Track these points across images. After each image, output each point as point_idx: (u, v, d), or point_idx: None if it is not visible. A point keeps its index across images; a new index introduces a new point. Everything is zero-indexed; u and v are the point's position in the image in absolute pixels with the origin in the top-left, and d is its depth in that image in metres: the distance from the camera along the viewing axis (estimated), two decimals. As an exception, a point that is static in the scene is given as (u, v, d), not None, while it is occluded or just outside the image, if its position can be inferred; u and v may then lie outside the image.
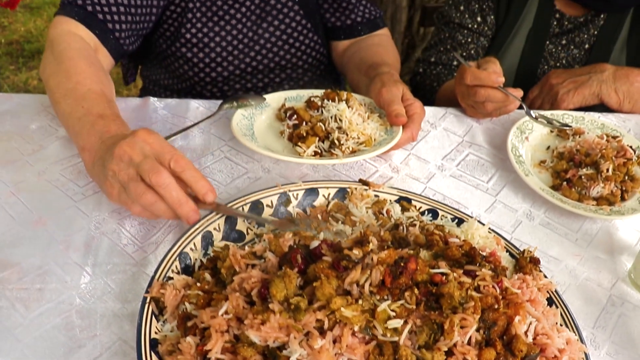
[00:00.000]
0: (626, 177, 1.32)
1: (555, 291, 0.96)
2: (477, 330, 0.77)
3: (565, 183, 1.30)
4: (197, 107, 1.46)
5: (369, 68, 1.52)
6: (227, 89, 1.71)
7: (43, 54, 1.36)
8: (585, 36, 1.78)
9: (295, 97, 1.43)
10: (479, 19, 1.84)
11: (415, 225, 1.00)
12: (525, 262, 0.97)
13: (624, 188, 1.29)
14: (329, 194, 1.13)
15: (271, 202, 1.09)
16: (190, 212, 0.96)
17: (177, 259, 0.94)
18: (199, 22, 1.60)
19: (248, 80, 1.71)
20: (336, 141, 1.24)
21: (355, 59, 1.68)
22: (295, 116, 1.32)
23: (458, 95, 1.49)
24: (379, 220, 1.06)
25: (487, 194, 1.29)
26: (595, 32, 1.77)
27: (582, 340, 0.90)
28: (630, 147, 1.38)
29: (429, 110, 1.52)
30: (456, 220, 1.10)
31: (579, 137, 1.41)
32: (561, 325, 0.91)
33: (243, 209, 1.05)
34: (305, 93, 1.43)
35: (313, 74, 1.81)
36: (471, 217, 1.08)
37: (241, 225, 1.04)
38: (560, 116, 1.50)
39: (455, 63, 1.87)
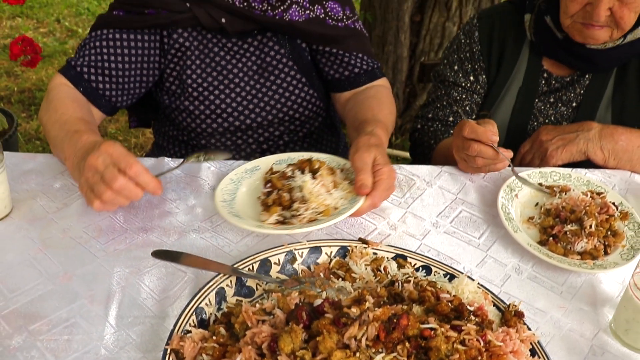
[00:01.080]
0: (609, 233, 1.41)
1: (538, 342, 1.05)
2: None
3: (551, 238, 1.40)
4: (209, 167, 1.57)
5: (359, 125, 1.60)
6: (231, 143, 1.82)
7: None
8: (572, 95, 1.89)
9: (287, 159, 1.53)
10: (471, 78, 1.96)
11: (410, 281, 1.10)
12: (510, 316, 1.07)
13: (606, 243, 1.39)
14: (331, 252, 1.23)
15: (278, 259, 1.19)
16: (139, 195, 1.25)
17: (194, 313, 1.03)
18: (200, 78, 1.73)
19: (250, 134, 1.82)
20: (295, 211, 1.32)
21: (351, 114, 1.74)
22: (269, 184, 1.43)
23: (454, 147, 1.60)
24: (376, 276, 1.16)
25: (478, 249, 1.39)
26: (582, 91, 1.88)
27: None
28: (613, 203, 1.48)
29: (426, 168, 1.63)
30: (448, 276, 1.20)
31: (565, 194, 1.51)
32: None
33: (253, 266, 1.15)
34: (296, 156, 1.53)
35: (311, 126, 1.91)
36: (462, 273, 1.18)
37: (251, 282, 1.14)
38: (548, 173, 1.61)
39: (451, 119, 1.98)
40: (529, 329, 1.06)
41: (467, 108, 1.96)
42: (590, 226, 1.39)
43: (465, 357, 0.87)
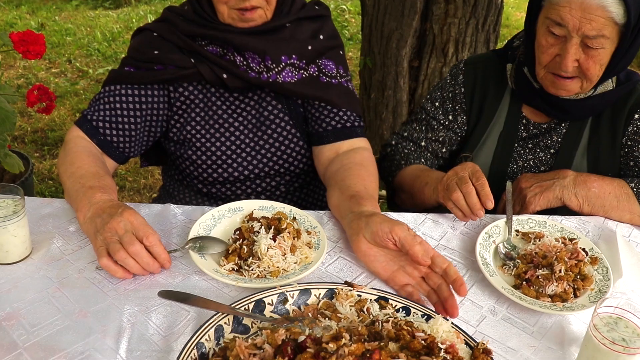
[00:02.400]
0: (578, 277, 1.53)
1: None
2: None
3: (525, 282, 1.52)
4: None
5: (353, 195, 1.64)
6: (230, 193, 1.96)
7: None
8: (549, 142, 2.00)
9: (270, 207, 1.68)
10: (450, 117, 2.09)
11: (389, 321, 1.22)
12: (479, 353, 1.19)
13: (575, 286, 1.51)
14: (319, 294, 1.35)
15: (272, 300, 1.31)
16: (155, 268, 1.43)
17: (195, 347, 1.16)
18: (203, 129, 1.88)
19: (248, 185, 1.96)
20: (248, 265, 1.47)
21: (338, 178, 1.76)
22: (238, 232, 1.57)
23: (446, 178, 1.70)
24: (359, 316, 1.28)
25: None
26: (559, 139, 1.99)
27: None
28: (584, 249, 1.61)
29: (410, 215, 1.76)
30: (425, 316, 1.32)
31: (539, 240, 1.64)
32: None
33: (248, 306, 1.28)
34: (277, 206, 1.68)
35: (304, 180, 2.05)
36: (438, 314, 1.30)
37: (247, 320, 1.27)
38: (524, 221, 1.74)
39: (423, 144, 2.12)
40: (496, 365, 1.18)
41: (441, 139, 2.11)
42: (560, 271, 1.51)
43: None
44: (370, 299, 1.35)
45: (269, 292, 1.33)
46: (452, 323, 1.26)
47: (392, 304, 1.35)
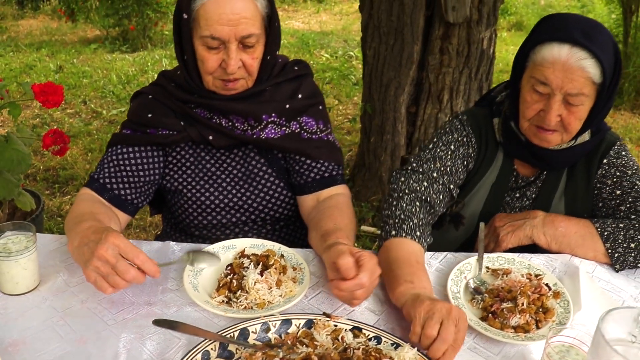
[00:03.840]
0: (540, 310, 1.66)
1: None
2: None
3: (491, 315, 1.65)
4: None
5: (323, 234, 1.77)
6: (224, 237, 2.10)
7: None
8: (534, 189, 2.12)
9: (260, 245, 1.84)
10: (459, 161, 2.09)
11: (359, 348, 1.36)
12: None
13: (537, 318, 1.63)
14: (299, 324, 1.49)
15: (255, 329, 1.46)
16: (142, 280, 1.51)
17: (183, 370, 1.30)
18: (193, 181, 2.04)
19: (237, 232, 2.11)
20: (237, 297, 1.61)
21: (314, 222, 1.92)
22: (230, 267, 1.73)
23: (425, 312, 1.46)
24: (334, 344, 1.42)
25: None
26: (540, 184, 2.12)
27: None
28: (547, 284, 1.74)
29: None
30: (395, 345, 1.45)
31: (507, 276, 1.77)
32: None
33: (234, 334, 1.42)
34: (267, 244, 1.84)
35: (291, 226, 2.21)
36: (406, 343, 1.43)
37: (232, 347, 1.41)
38: (495, 258, 1.87)
39: (435, 174, 2.03)
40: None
41: (448, 169, 2.07)
42: (523, 304, 1.63)
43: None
44: (345, 329, 1.49)
45: (253, 321, 1.47)
46: (418, 351, 1.40)
47: (365, 333, 1.48)
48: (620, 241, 1.92)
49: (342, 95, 7.53)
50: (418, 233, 1.82)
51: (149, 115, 1.99)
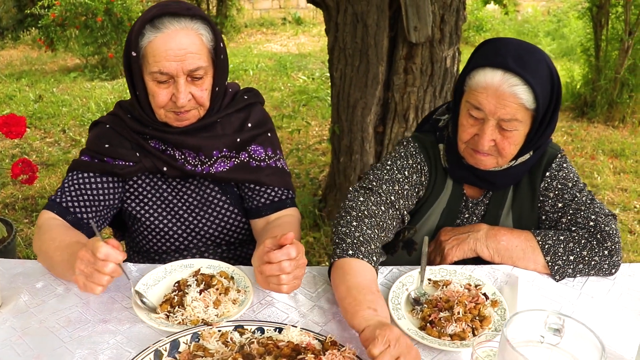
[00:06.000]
0: (477, 318, 1.75)
1: (357, 356, 1.49)
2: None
3: (429, 324, 1.73)
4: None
5: (258, 245, 1.87)
6: (179, 255, 2.21)
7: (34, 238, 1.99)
8: (482, 207, 2.20)
9: (217, 266, 1.93)
10: (415, 189, 2.14)
11: (253, 342, 1.50)
12: (328, 345, 1.52)
13: (474, 326, 1.73)
14: (187, 340, 1.58)
15: (149, 358, 1.53)
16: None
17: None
18: (151, 209, 2.14)
19: (195, 254, 2.22)
20: (174, 313, 1.70)
21: (261, 239, 1.95)
22: (177, 284, 1.83)
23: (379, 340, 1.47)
24: (228, 347, 1.54)
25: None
26: (487, 202, 2.20)
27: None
28: (485, 294, 1.83)
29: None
30: (277, 329, 1.62)
31: (446, 287, 1.87)
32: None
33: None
34: (223, 266, 1.93)
35: (245, 248, 2.32)
36: (286, 325, 1.61)
37: None
38: (437, 270, 1.97)
39: (393, 198, 2.05)
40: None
41: (401, 191, 2.09)
42: (459, 313, 1.73)
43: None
44: (230, 330, 1.61)
45: (145, 350, 1.54)
46: (301, 327, 1.59)
47: (248, 329, 1.62)
48: (560, 254, 2.00)
49: (318, 117, 7.66)
50: (375, 258, 1.84)
51: (106, 146, 2.07)
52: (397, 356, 1.43)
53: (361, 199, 2.00)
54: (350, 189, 2.09)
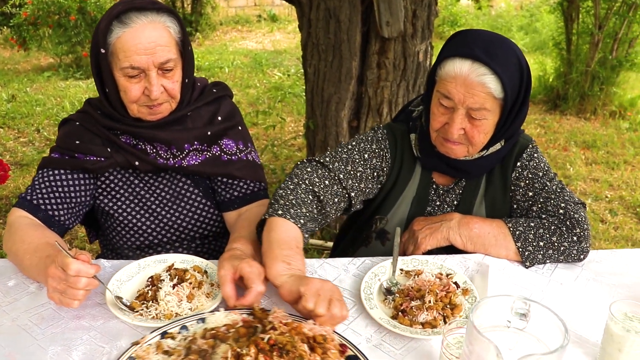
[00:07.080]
0: (447, 306, 1.78)
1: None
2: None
3: (401, 313, 1.76)
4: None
5: (230, 242, 1.97)
6: (153, 252, 2.21)
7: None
8: (454, 196, 2.23)
9: (191, 261, 1.93)
10: (375, 172, 2.18)
11: (195, 339, 1.51)
12: (259, 313, 1.61)
13: (445, 314, 1.75)
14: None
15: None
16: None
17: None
18: (123, 205, 2.15)
19: (169, 249, 2.22)
20: (147, 308, 1.72)
21: (235, 232, 2.05)
22: (151, 279, 1.83)
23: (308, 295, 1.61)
24: (170, 355, 1.50)
25: (343, 324, 1.72)
26: (460, 192, 2.23)
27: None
28: (456, 282, 1.86)
29: (309, 261, 1.97)
30: (200, 320, 1.63)
31: (418, 277, 1.89)
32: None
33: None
34: (197, 261, 1.93)
35: (219, 242, 2.33)
36: (219, 310, 1.63)
37: None
38: (409, 261, 1.99)
39: (342, 176, 2.07)
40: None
41: (359, 175, 2.12)
42: (430, 301, 1.76)
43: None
44: (159, 339, 1.58)
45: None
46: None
47: (190, 325, 1.63)
48: (530, 240, 2.04)
49: (294, 113, 7.67)
50: (302, 221, 1.86)
51: (77, 142, 2.07)
52: (329, 299, 1.59)
53: (308, 169, 2.05)
54: (303, 160, 2.13)
